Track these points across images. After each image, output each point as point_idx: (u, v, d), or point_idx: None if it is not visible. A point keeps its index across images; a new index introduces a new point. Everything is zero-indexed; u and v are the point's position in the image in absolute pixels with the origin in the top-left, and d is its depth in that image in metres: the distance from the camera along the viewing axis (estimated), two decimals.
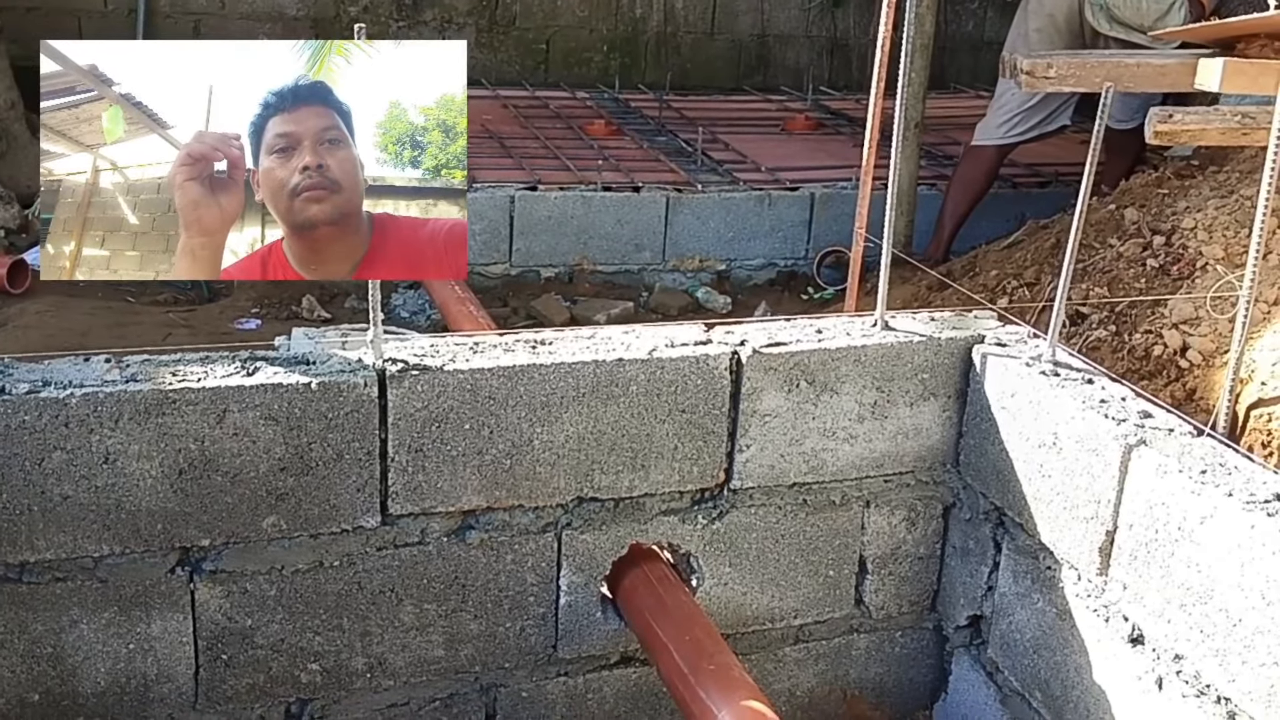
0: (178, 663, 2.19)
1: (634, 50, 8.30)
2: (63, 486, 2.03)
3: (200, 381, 2.08)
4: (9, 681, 2.10)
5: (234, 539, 2.15)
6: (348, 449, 2.17)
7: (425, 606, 2.31)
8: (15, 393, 1.98)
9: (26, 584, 2.07)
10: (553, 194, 5.17)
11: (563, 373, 2.27)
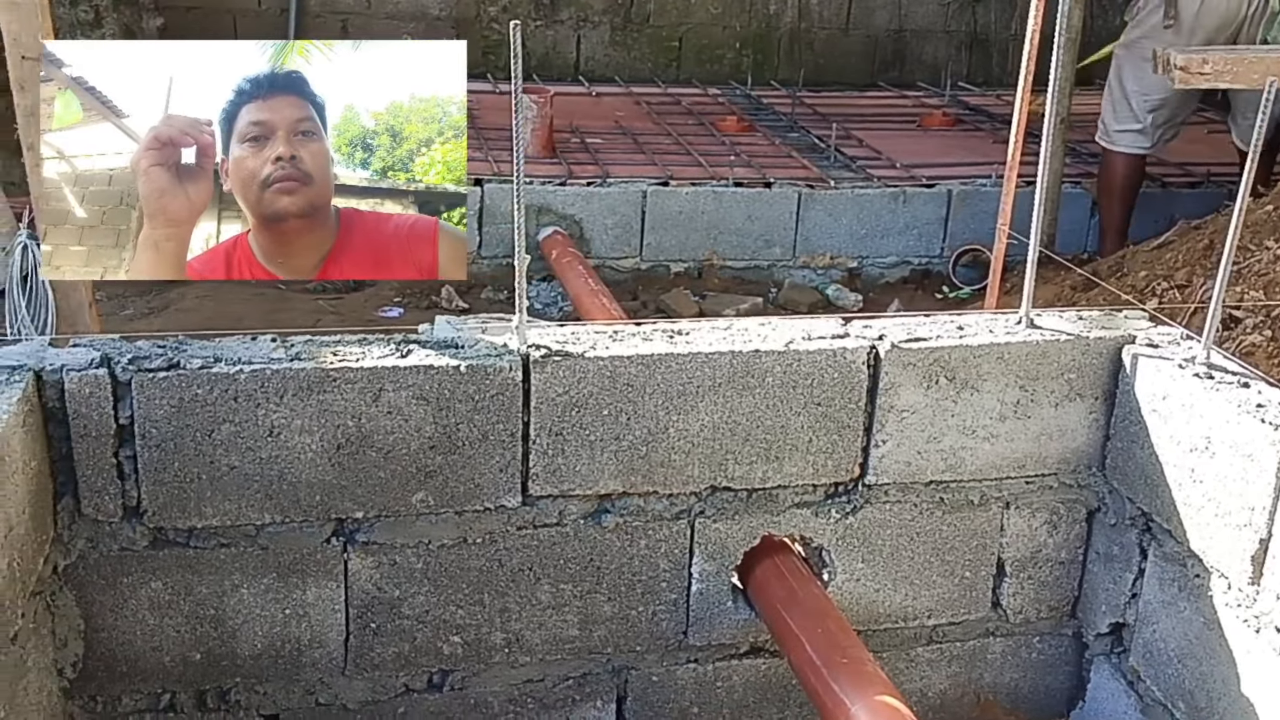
0: (329, 629, 2.30)
1: (767, 47, 8.27)
2: (230, 457, 2.15)
3: (358, 361, 2.17)
4: (174, 640, 2.24)
5: (385, 513, 2.25)
6: (492, 430, 2.24)
7: (561, 586, 2.37)
8: (189, 368, 2.11)
9: (194, 549, 2.20)
10: (684, 189, 5.21)
11: (699, 362, 2.30)
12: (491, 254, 5.14)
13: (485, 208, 5.06)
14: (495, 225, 5.09)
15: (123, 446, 2.10)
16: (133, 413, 2.09)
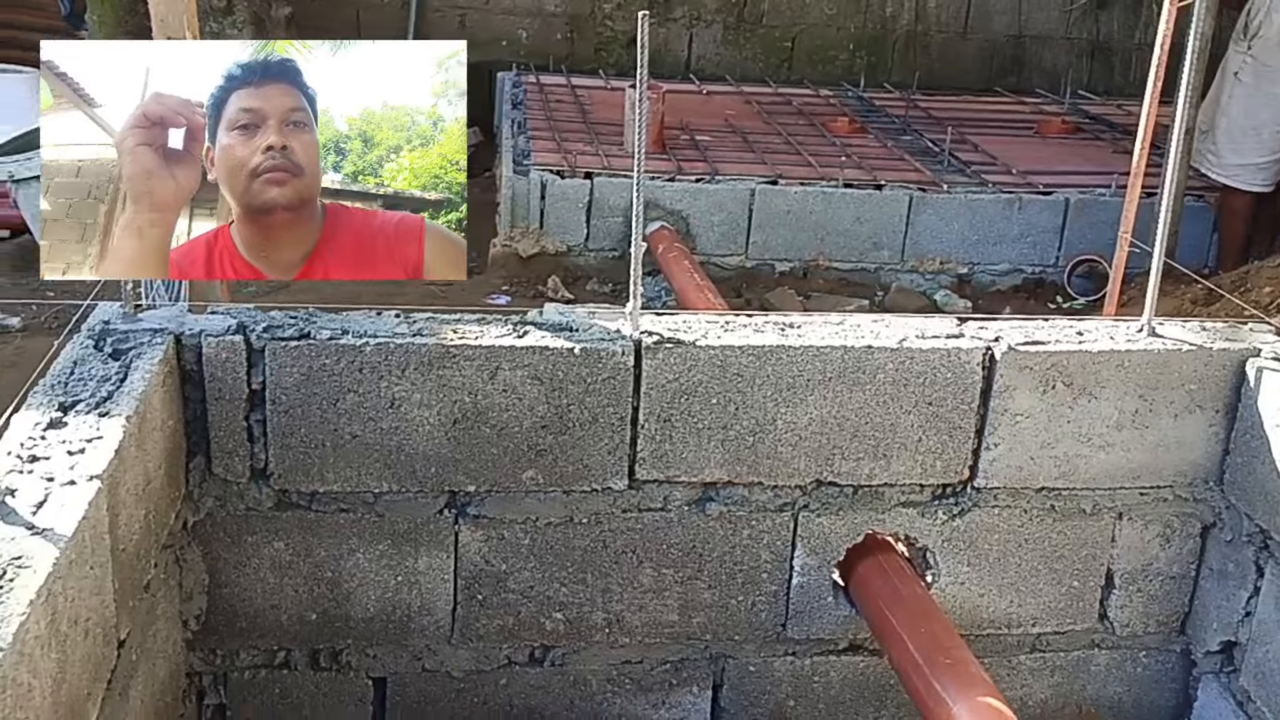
0: (438, 598, 2.36)
1: (881, 49, 8.19)
2: (352, 426, 2.23)
3: (477, 339, 2.24)
4: (292, 600, 2.33)
5: (496, 488, 2.30)
6: (602, 413, 2.28)
7: (663, 571, 2.40)
8: (319, 338, 2.19)
9: (315, 512, 2.28)
10: (793, 189, 5.20)
11: (810, 355, 2.30)
12: (598, 247, 5.19)
13: (594, 201, 5.12)
14: (603, 218, 5.14)
15: (253, 411, 2.20)
16: (264, 379, 2.18)
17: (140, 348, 2.07)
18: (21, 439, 1.76)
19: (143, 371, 2.00)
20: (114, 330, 2.12)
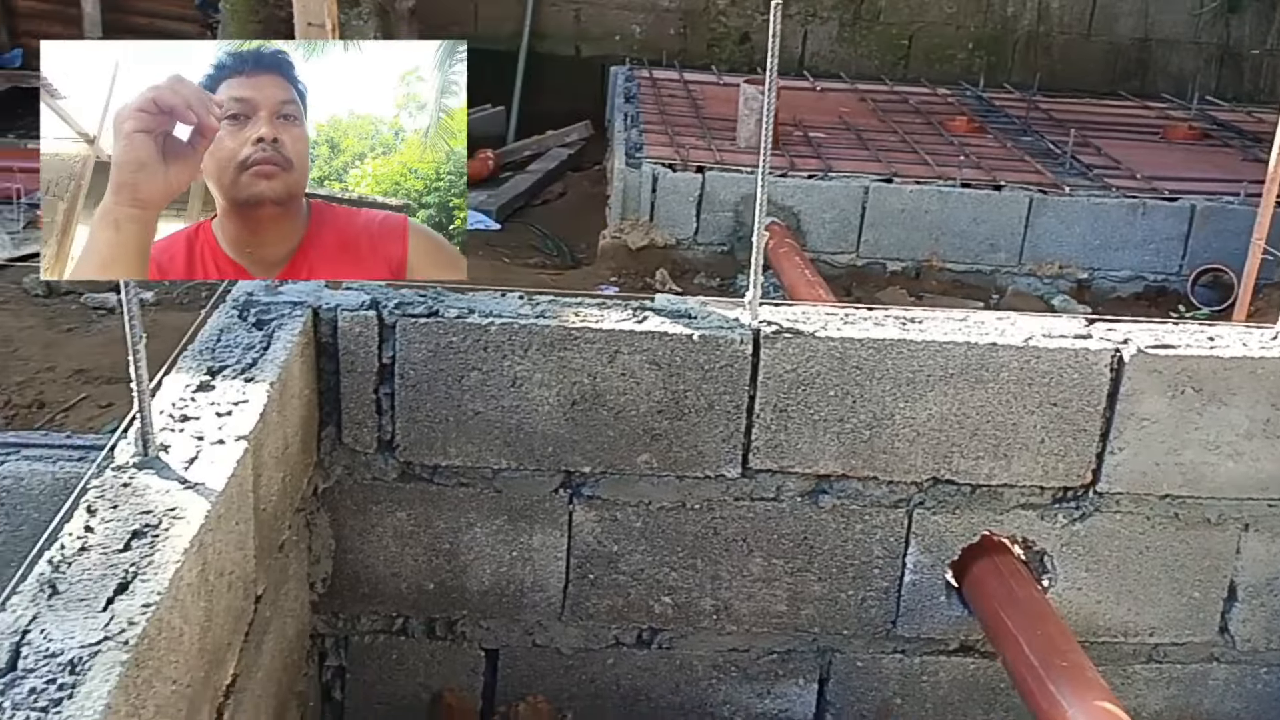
0: (550, 575, 2.41)
1: (1001, 49, 8.04)
2: (475, 403, 2.28)
3: (598, 323, 2.27)
4: (411, 569, 2.40)
5: (611, 470, 2.34)
6: (718, 400, 2.30)
7: (773, 561, 2.41)
8: (447, 316, 2.25)
9: (437, 485, 2.35)
10: (908, 187, 5.14)
11: (932, 351, 2.29)
12: (707, 241, 5.21)
13: (705, 194, 5.14)
14: (713, 213, 5.15)
15: (382, 384, 2.27)
16: (394, 354, 2.25)
17: (281, 319, 2.16)
18: (173, 399, 1.85)
19: (284, 341, 2.09)
20: (257, 301, 2.21)
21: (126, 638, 1.30)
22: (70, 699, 1.21)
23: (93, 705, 1.20)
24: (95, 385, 3.95)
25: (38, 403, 3.83)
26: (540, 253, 5.76)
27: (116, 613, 1.34)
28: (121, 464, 1.65)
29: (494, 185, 6.44)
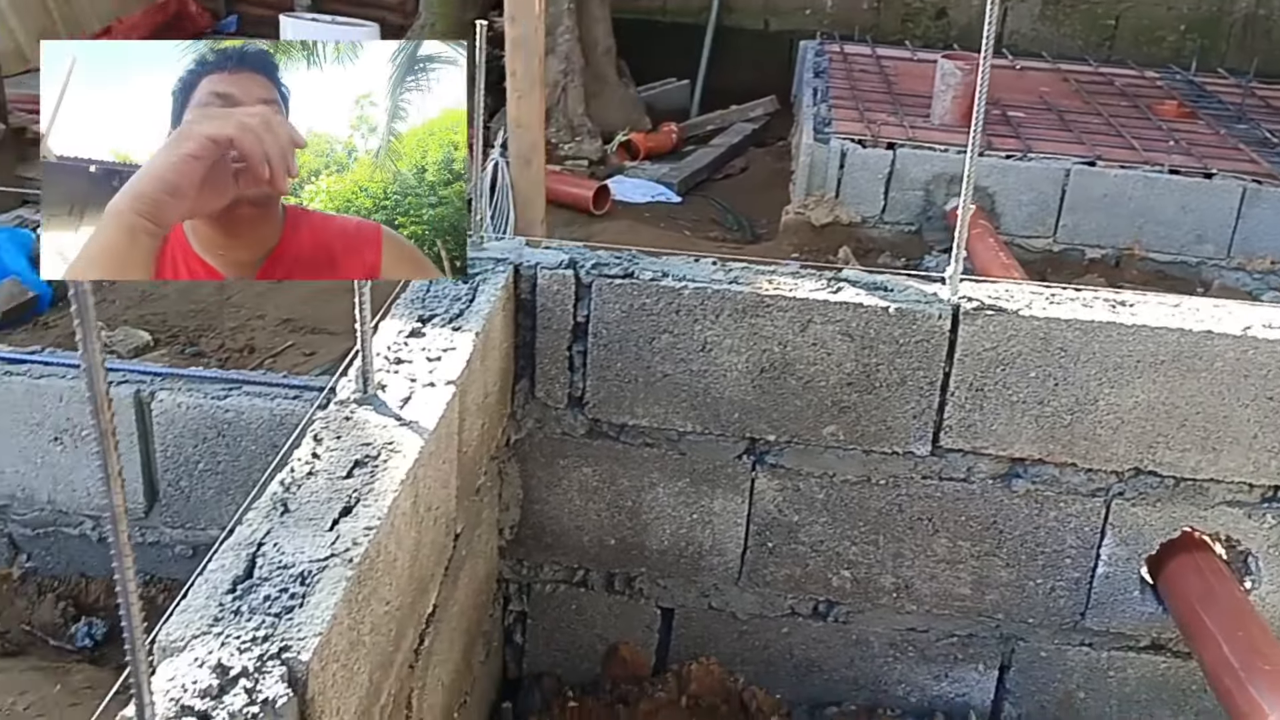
0: (729, 540, 2.43)
1: (1215, 32, 7.55)
2: (664, 365, 2.32)
3: (791, 291, 2.27)
4: (594, 524, 2.46)
5: (796, 440, 2.34)
6: (911, 376, 2.26)
7: (959, 543, 2.36)
8: (642, 278, 2.29)
9: (622, 443, 2.40)
10: (1112, 171, 4.90)
11: (1143, 336, 2.19)
12: (894, 220, 5.11)
13: (895, 172, 5.03)
14: (902, 191, 5.04)
15: (576, 342, 2.33)
16: (589, 313, 2.30)
17: (486, 274, 2.24)
18: (389, 343, 1.95)
19: (487, 295, 2.16)
20: None
21: (350, 556, 1.38)
22: (301, 607, 1.30)
23: (321, 615, 1.29)
24: (300, 334, 4.19)
25: (248, 348, 4.08)
26: (721, 227, 5.76)
27: (341, 533, 1.43)
28: (343, 399, 1.75)
29: (676, 159, 6.47)
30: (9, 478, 2.55)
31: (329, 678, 1.28)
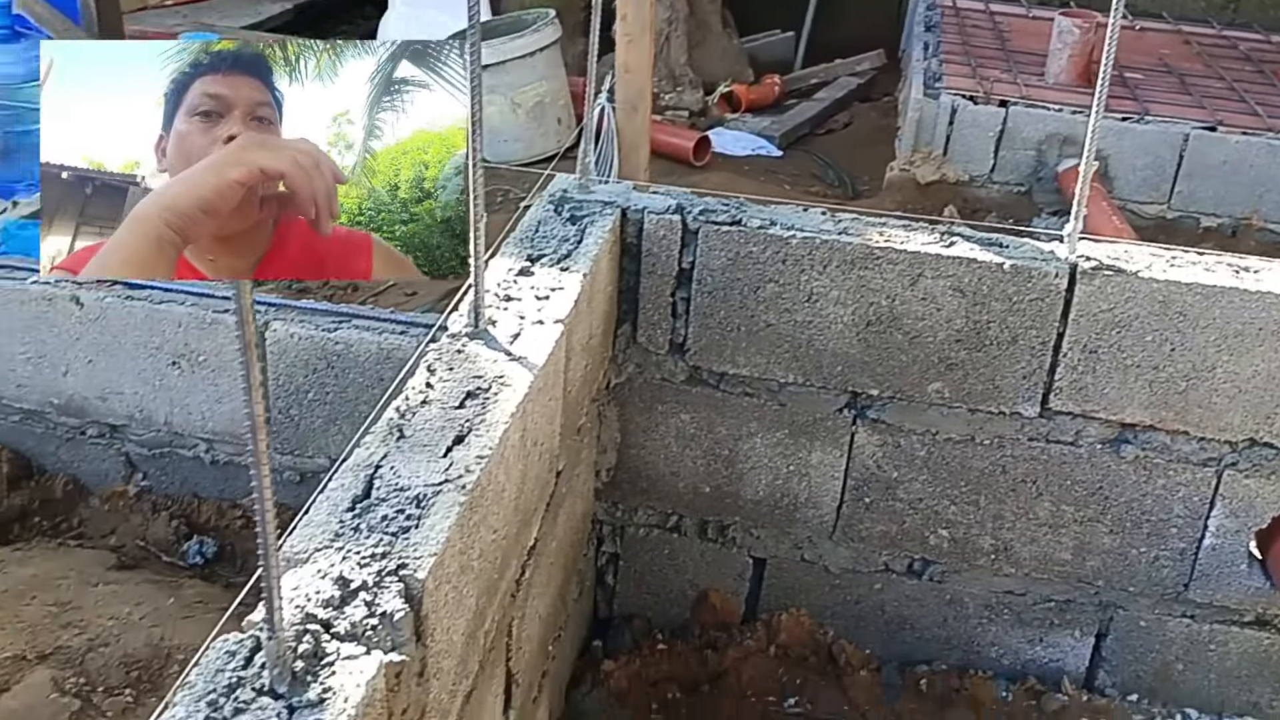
0: (825, 494, 2.42)
1: None
2: (768, 315, 2.30)
3: (902, 244, 2.23)
4: (690, 470, 2.47)
5: (899, 395, 2.31)
6: (1023, 334, 2.22)
7: (1063, 507, 2.32)
8: (749, 225, 2.27)
9: (722, 392, 2.40)
10: (1233, 137, 4.70)
11: (1267, 303, 2.11)
12: (1003, 180, 4.98)
13: (1006, 130, 4.89)
14: (1013, 150, 4.91)
15: (679, 288, 2.33)
16: (694, 259, 2.29)
17: (593, 216, 2.25)
18: (498, 280, 1.97)
19: (595, 237, 2.17)
20: (571, 198, 2.31)
21: (464, 483, 1.41)
22: (416, 528, 1.33)
23: (436, 536, 1.32)
24: None
25: (351, 286, 4.17)
26: (821, 182, 5.68)
27: (454, 460, 1.46)
28: (455, 333, 1.78)
29: (778, 112, 6.38)
30: (128, 399, 2.65)
31: (441, 597, 1.32)
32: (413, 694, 1.25)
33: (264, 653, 1.10)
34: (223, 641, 1.13)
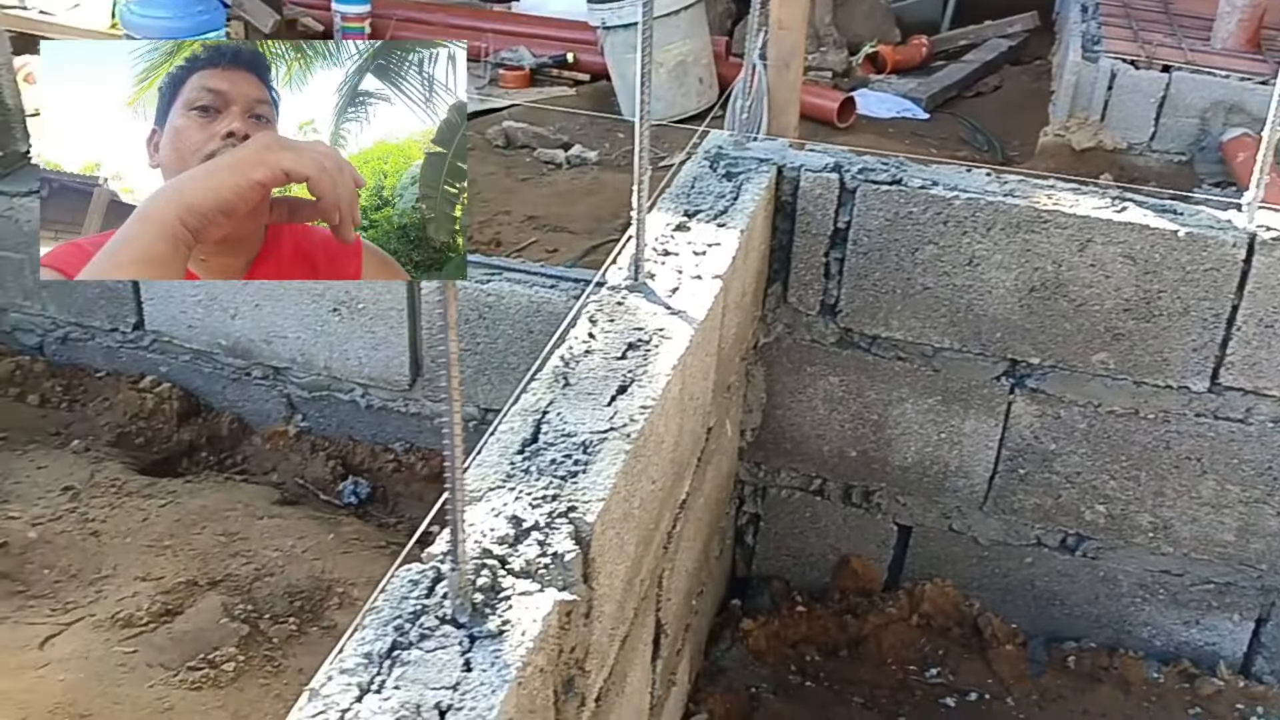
0: (977, 464, 2.37)
1: None
2: (925, 278, 2.25)
3: (1071, 208, 2.15)
4: (836, 434, 2.44)
5: (1061, 364, 2.24)
6: (1195, 306, 2.12)
7: (1228, 487, 2.22)
8: (910, 185, 2.22)
9: (873, 355, 2.36)
10: None
11: None
12: (1163, 148, 4.76)
13: (1168, 96, 4.67)
14: (1175, 117, 4.68)
15: (834, 248, 2.29)
16: (850, 219, 2.26)
17: (749, 173, 2.23)
18: (656, 235, 1.97)
19: (751, 194, 2.15)
20: (726, 155, 2.29)
21: (628, 431, 1.43)
22: (584, 473, 1.35)
23: (603, 482, 1.34)
24: (543, 231, 4.31)
25: (495, 241, 4.23)
26: (969, 146, 5.52)
27: (619, 409, 1.47)
28: (614, 285, 1.79)
29: (925, 74, 6.21)
30: (290, 342, 2.76)
31: (607, 542, 1.34)
32: (579, 634, 1.27)
33: (445, 583, 1.14)
34: (405, 571, 1.17)
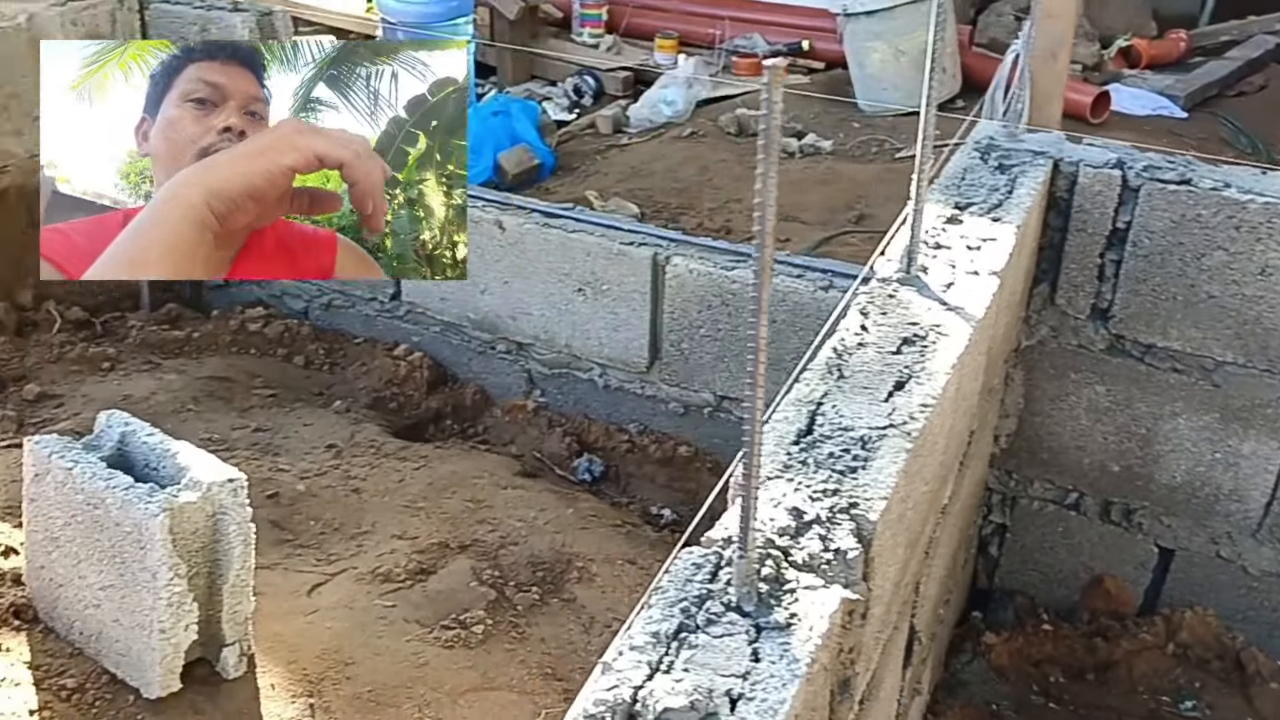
0: (1254, 488, 2.19)
1: None
2: (1211, 285, 2.09)
3: None
4: (1098, 447, 2.30)
5: None
6: None
7: None
8: (1200, 187, 2.06)
9: (1146, 365, 2.21)
10: None
11: None
12: None
13: None
14: None
15: (1110, 249, 2.16)
16: (1131, 219, 2.12)
17: (1024, 166, 2.12)
18: (927, 227, 1.90)
19: (1027, 188, 2.05)
20: (999, 146, 2.19)
21: (909, 430, 1.37)
22: (864, 469, 1.31)
23: (884, 480, 1.29)
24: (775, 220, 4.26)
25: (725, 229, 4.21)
26: (1231, 148, 5.12)
27: (897, 405, 1.42)
28: (885, 278, 1.73)
29: (1183, 70, 5.81)
30: (535, 319, 2.83)
31: (885, 542, 1.29)
32: (855, 634, 1.23)
33: (730, 570, 1.12)
34: (688, 554, 1.16)
